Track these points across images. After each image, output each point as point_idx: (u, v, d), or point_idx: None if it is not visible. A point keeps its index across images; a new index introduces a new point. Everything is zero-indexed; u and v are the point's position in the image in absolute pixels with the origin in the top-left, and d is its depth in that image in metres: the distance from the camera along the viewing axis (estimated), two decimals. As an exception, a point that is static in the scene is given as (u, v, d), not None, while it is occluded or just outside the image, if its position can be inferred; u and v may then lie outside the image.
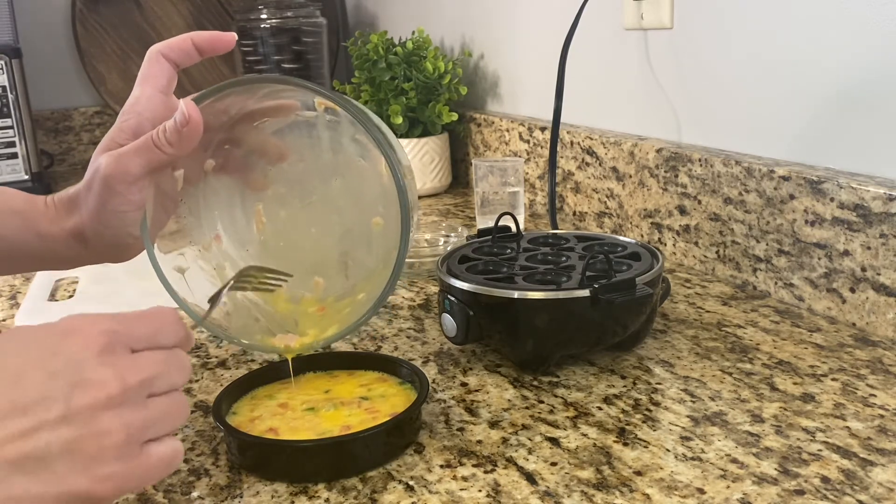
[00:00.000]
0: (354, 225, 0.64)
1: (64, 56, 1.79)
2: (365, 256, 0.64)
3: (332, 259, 0.64)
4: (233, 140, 0.63)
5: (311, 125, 0.64)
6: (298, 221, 0.65)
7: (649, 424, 0.59)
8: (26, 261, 0.62)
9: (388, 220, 0.62)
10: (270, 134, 0.63)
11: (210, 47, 0.61)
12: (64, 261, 0.62)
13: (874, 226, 0.72)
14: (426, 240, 1.00)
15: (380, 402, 0.60)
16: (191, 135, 0.55)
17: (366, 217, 0.63)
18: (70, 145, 1.82)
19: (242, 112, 0.61)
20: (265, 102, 0.62)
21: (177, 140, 0.54)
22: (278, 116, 0.63)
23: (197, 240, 0.62)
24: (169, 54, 0.60)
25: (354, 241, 0.64)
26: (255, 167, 0.63)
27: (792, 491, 0.51)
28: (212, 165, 0.61)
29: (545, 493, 0.51)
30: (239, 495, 0.53)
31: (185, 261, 0.60)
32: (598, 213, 1.11)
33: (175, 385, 0.44)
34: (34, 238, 0.60)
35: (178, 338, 0.45)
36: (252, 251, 0.64)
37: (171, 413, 0.43)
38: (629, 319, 0.68)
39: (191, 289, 0.59)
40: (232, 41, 0.62)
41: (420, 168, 1.37)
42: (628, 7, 1.03)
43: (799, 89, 0.83)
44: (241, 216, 0.64)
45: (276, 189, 0.64)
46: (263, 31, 1.61)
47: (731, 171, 0.87)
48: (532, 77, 1.30)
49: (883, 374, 0.66)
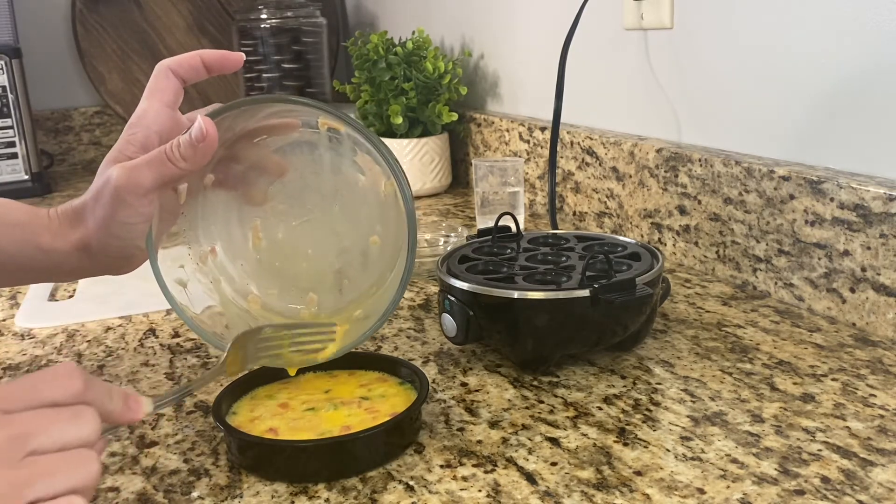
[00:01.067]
0: (351, 243, 0.65)
1: (64, 56, 1.79)
2: (360, 275, 0.64)
3: (327, 276, 0.64)
4: (233, 157, 0.63)
5: (312, 144, 0.64)
6: (295, 238, 0.65)
7: (649, 424, 0.59)
8: (27, 274, 0.62)
9: (386, 240, 0.62)
10: (271, 151, 0.64)
11: (218, 65, 0.62)
12: (66, 273, 0.62)
13: (874, 226, 0.72)
14: (426, 240, 1.00)
15: (380, 402, 0.60)
16: (206, 150, 0.55)
17: (363, 236, 0.64)
18: (70, 145, 1.82)
19: (245, 129, 0.62)
20: (267, 120, 0.63)
21: (191, 155, 0.55)
22: (279, 134, 0.64)
23: (195, 253, 0.62)
24: (178, 70, 0.61)
25: (350, 260, 0.64)
26: (255, 183, 0.64)
27: (792, 491, 0.51)
28: (211, 180, 0.62)
29: (545, 493, 0.51)
30: (239, 495, 0.53)
31: (185, 273, 0.61)
32: (598, 213, 1.11)
33: (66, 441, 0.40)
34: (36, 252, 0.60)
35: (72, 391, 0.42)
36: (247, 267, 0.64)
37: (61, 470, 0.39)
38: (629, 319, 0.68)
39: (191, 301, 0.59)
40: (239, 62, 0.63)
41: (420, 168, 1.37)
42: (628, 7, 1.03)
43: (799, 89, 0.83)
44: (238, 231, 0.64)
45: (274, 205, 0.64)
46: (263, 31, 1.61)
47: (731, 171, 0.87)
48: (532, 77, 1.30)
49: (883, 374, 0.66)
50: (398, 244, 0.60)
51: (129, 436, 0.61)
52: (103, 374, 0.73)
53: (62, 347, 0.80)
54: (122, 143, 0.59)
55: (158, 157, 0.55)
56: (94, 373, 0.73)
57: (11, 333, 0.84)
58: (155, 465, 0.57)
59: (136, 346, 0.79)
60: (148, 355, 0.77)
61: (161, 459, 0.58)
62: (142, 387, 0.70)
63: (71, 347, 0.79)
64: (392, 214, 0.62)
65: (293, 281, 0.64)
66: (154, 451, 0.59)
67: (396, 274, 0.60)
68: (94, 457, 0.41)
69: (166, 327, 0.83)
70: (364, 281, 0.63)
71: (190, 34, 1.82)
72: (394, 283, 0.59)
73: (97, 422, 0.42)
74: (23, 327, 0.86)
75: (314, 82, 1.67)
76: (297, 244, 0.65)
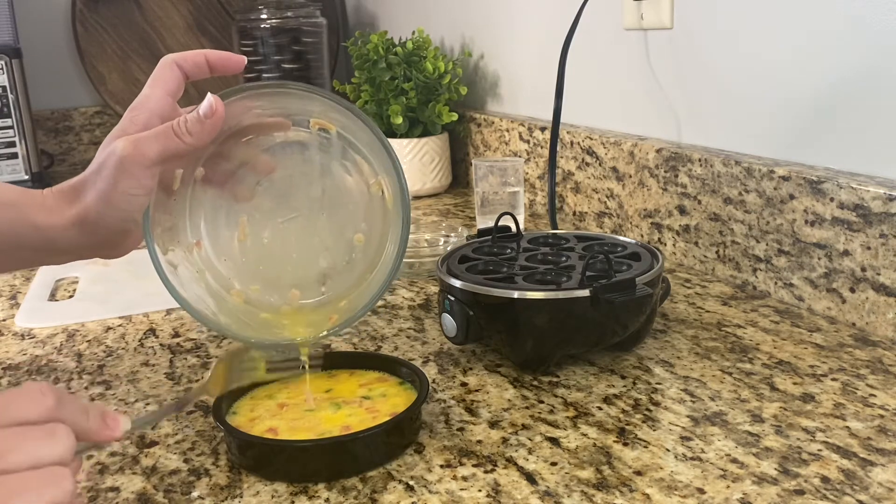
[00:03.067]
0: (336, 241, 0.65)
1: (64, 56, 1.79)
2: (343, 272, 0.64)
3: (311, 273, 0.65)
4: (223, 154, 0.64)
5: (302, 144, 0.65)
6: (281, 236, 0.65)
7: (649, 424, 0.59)
8: (19, 252, 0.61)
9: (371, 238, 0.63)
10: (261, 150, 0.64)
11: (221, 66, 0.63)
12: (59, 253, 0.62)
13: (874, 226, 0.72)
14: (426, 240, 1.00)
15: (380, 401, 0.60)
16: (212, 127, 0.56)
17: (348, 233, 0.64)
18: (70, 145, 1.82)
19: (236, 127, 0.63)
20: (259, 119, 0.64)
21: (198, 131, 0.56)
22: (270, 133, 0.65)
23: (182, 242, 0.63)
24: (182, 64, 0.62)
25: (335, 258, 0.65)
26: (243, 180, 0.64)
27: (792, 491, 0.51)
28: (202, 174, 0.62)
29: (545, 493, 0.51)
30: (239, 495, 0.53)
31: (175, 257, 0.61)
32: (598, 213, 1.11)
33: (38, 459, 0.40)
34: (30, 229, 0.60)
35: (44, 409, 0.41)
36: (232, 263, 0.64)
37: (33, 488, 0.39)
38: (629, 319, 0.68)
39: (183, 285, 0.59)
40: (241, 65, 0.64)
41: (420, 168, 1.37)
42: (628, 7, 1.03)
43: (799, 89, 0.83)
44: (224, 228, 0.64)
45: (261, 202, 0.65)
46: (263, 31, 1.61)
47: (731, 171, 0.87)
48: (532, 77, 1.30)
49: (883, 374, 0.66)
50: (383, 243, 0.61)
51: (129, 436, 0.61)
52: (103, 374, 0.73)
53: (62, 347, 0.80)
54: (125, 122, 0.60)
55: (165, 131, 0.56)
56: (94, 373, 0.73)
57: (11, 333, 0.84)
58: (155, 465, 0.57)
59: (136, 346, 0.79)
60: (148, 355, 0.77)
61: (161, 459, 0.58)
62: (142, 387, 0.70)
63: (71, 347, 0.79)
64: (378, 214, 0.63)
65: (277, 277, 0.64)
66: (154, 450, 0.59)
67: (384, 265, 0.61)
68: (67, 474, 0.40)
69: (166, 327, 0.83)
70: (347, 278, 0.64)
71: (190, 34, 1.82)
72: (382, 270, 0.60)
73: (71, 439, 0.42)
74: (23, 327, 0.86)
75: (314, 82, 1.67)
76: (282, 241, 0.66)
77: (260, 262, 0.64)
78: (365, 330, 0.80)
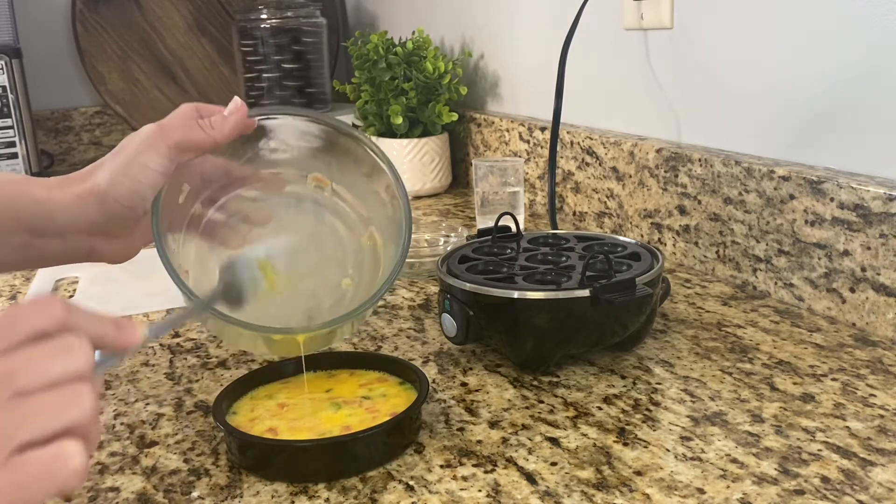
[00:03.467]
0: (323, 284, 0.66)
1: (64, 56, 1.79)
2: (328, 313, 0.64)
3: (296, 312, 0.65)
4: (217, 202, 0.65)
5: (299, 197, 0.67)
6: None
7: (649, 424, 0.59)
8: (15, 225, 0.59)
9: (359, 285, 0.66)
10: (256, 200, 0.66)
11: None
12: (57, 231, 0.59)
13: (874, 226, 0.72)
14: (426, 240, 1.00)
15: (380, 401, 0.60)
16: (234, 124, 0.59)
17: (336, 278, 0.65)
18: (70, 145, 1.82)
19: (237, 175, 0.65)
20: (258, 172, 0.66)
21: (219, 124, 0.59)
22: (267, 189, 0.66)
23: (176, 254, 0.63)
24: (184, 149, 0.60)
25: (320, 300, 0.66)
26: (236, 228, 0.65)
27: (792, 491, 0.51)
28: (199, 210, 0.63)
29: (545, 493, 0.51)
30: (239, 495, 0.53)
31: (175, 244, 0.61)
32: (598, 213, 1.11)
33: (54, 377, 0.36)
34: (30, 203, 0.58)
35: (54, 320, 0.37)
36: None
37: (50, 409, 0.35)
38: (629, 319, 0.68)
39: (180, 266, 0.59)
40: None
41: (420, 168, 1.37)
42: (628, 7, 1.03)
43: (799, 89, 0.83)
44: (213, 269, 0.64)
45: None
46: (263, 31, 1.61)
47: (731, 171, 0.87)
48: (532, 77, 1.30)
49: (883, 374, 0.66)
50: (370, 291, 0.62)
51: (129, 436, 0.61)
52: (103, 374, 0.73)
53: (62, 347, 0.79)
54: None
55: (189, 121, 0.59)
56: (94, 373, 0.73)
57: (11, 333, 0.84)
58: (155, 465, 0.57)
59: (136, 346, 0.79)
60: (148, 355, 0.77)
61: (161, 459, 0.58)
62: (142, 387, 0.70)
63: (71, 347, 0.79)
64: (368, 263, 0.65)
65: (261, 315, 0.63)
66: (154, 450, 0.59)
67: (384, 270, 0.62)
68: (86, 391, 0.36)
69: (166, 327, 0.83)
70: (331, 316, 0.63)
71: (190, 34, 1.82)
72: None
73: (89, 351, 0.37)
74: (23, 327, 0.85)
75: (314, 82, 1.67)
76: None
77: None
78: (365, 330, 0.80)
